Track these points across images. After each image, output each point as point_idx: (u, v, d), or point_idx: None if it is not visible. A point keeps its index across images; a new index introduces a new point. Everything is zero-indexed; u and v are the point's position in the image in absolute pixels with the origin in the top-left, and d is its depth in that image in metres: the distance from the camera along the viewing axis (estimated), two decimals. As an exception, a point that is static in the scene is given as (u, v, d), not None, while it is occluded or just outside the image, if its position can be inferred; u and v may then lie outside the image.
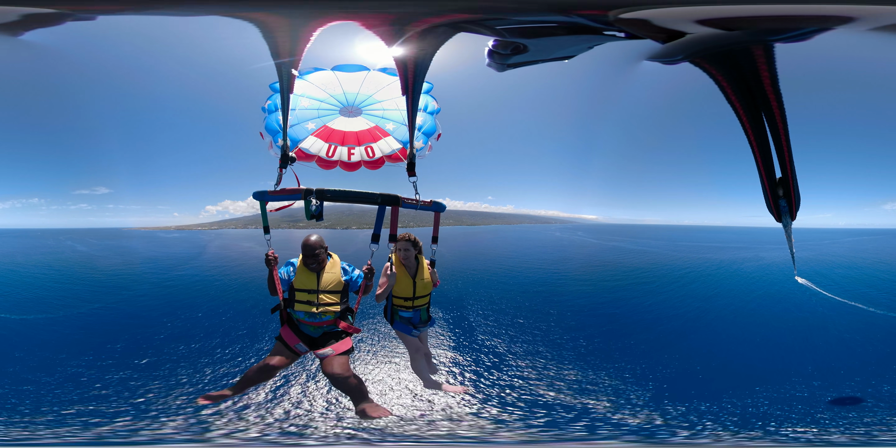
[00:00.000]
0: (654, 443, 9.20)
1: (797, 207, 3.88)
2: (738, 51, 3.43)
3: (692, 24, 3.47)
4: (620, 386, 11.65)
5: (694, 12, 3.42)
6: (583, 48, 3.96)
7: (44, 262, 37.29)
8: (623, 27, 3.60)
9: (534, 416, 9.74)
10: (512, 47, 3.95)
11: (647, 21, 3.51)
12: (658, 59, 3.85)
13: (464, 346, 14.95)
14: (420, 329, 5.01)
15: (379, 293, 4.65)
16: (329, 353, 4.39)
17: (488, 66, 4.20)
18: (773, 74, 3.34)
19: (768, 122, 3.49)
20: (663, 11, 3.45)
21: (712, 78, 3.54)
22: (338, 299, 4.42)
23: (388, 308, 4.95)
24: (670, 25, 3.51)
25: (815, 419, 10.32)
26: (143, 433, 7.16)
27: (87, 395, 11.29)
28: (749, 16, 3.44)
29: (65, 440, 6.34)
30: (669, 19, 3.48)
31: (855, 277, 26.88)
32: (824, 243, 56.32)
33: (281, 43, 3.86)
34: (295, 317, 4.47)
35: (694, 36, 3.53)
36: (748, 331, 17.16)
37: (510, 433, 8.15)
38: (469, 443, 6.51)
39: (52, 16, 3.80)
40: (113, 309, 20.24)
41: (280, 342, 4.48)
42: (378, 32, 3.81)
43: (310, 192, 4.43)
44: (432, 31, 3.72)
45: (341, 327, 4.47)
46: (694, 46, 3.57)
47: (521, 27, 3.77)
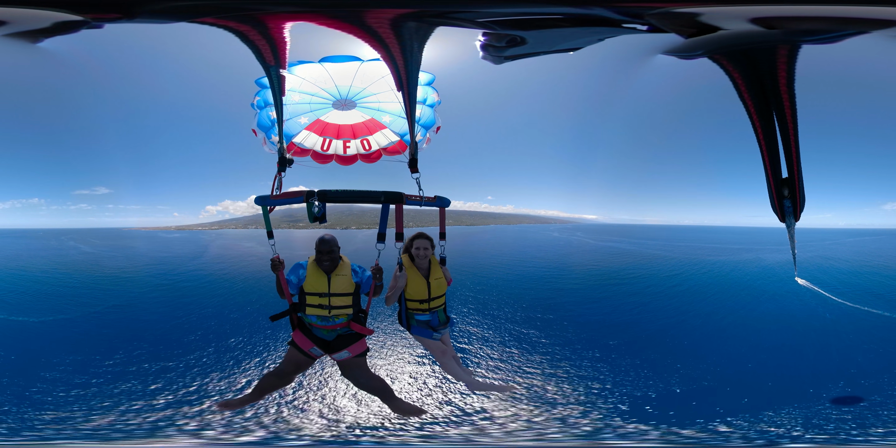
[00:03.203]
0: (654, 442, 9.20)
1: (802, 208, 3.84)
2: (759, 49, 3.37)
3: (742, 22, 3.33)
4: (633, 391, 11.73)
5: (749, 11, 3.28)
6: (591, 40, 3.85)
7: (51, 263, 37.40)
8: (657, 21, 3.46)
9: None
10: (506, 40, 3.87)
11: (691, 16, 3.38)
12: (675, 54, 3.78)
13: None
14: (441, 331, 4.68)
15: (389, 296, 4.46)
16: (346, 355, 4.35)
17: (483, 58, 4.10)
18: (790, 74, 3.27)
19: (779, 121, 3.44)
20: (719, 9, 3.31)
21: (728, 74, 3.45)
22: (349, 302, 4.34)
23: (402, 313, 4.64)
24: (719, 23, 3.38)
25: (813, 421, 10.33)
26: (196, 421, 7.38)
27: (144, 391, 11.40)
28: (795, 16, 3.33)
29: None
30: (722, 16, 3.33)
31: (862, 281, 26.51)
32: (826, 244, 56.26)
33: (261, 48, 3.79)
34: (307, 321, 4.36)
35: (724, 32, 3.44)
36: (749, 331, 17.12)
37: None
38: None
39: (73, 23, 3.77)
40: (127, 307, 20.35)
41: (294, 347, 4.40)
42: (346, 31, 3.73)
43: (311, 193, 4.34)
44: (404, 26, 3.62)
45: (354, 329, 4.38)
46: (719, 42, 3.49)
47: (518, 19, 3.67)
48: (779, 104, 3.33)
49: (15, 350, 13.98)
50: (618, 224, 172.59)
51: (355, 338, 4.39)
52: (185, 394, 11.53)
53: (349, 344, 4.35)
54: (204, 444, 7.84)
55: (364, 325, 4.42)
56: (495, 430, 8.47)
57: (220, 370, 13.18)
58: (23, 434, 8.36)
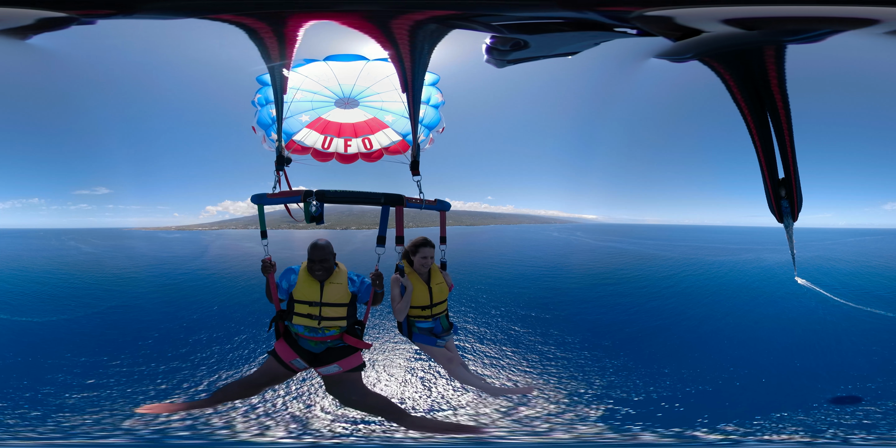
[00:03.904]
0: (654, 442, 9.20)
1: (799, 208, 3.86)
2: (748, 50, 3.38)
3: (716, 24, 3.36)
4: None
5: (721, 12, 3.33)
6: (588, 44, 3.88)
7: (52, 263, 37.44)
8: (641, 24, 3.50)
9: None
10: (511, 43, 3.89)
11: (667, 19, 3.41)
12: (667, 57, 3.79)
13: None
14: (444, 338, 4.49)
15: (400, 308, 4.19)
16: (335, 370, 3.98)
17: (487, 62, 4.12)
18: (781, 75, 3.30)
19: (773, 122, 3.47)
20: (690, 11, 3.35)
21: (720, 77, 3.48)
22: (344, 313, 3.98)
23: (403, 321, 4.45)
24: (694, 24, 3.41)
25: (810, 421, 10.31)
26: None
27: (155, 391, 11.43)
28: (773, 16, 3.35)
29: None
30: (695, 18, 3.37)
31: (866, 282, 26.42)
32: (826, 243, 56.21)
33: (269, 46, 3.80)
34: (293, 330, 4.01)
35: (709, 34, 3.47)
36: (748, 333, 17.11)
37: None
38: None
39: (59, 20, 3.78)
40: (129, 306, 20.40)
41: (274, 357, 4.03)
42: (367, 30, 3.74)
43: (310, 193, 4.27)
44: (423, 28, 3.65)
45: (348, 342, 4.03)
46: (706, 45, 3.51)
47: (521, 23, 3.71)
48: (772, 105, 3.35)
49: (22, 352, 14.01)
50: (618, 224, 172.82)
51: (348, 351, 4.02)
52: (194, 392, 11.68)
53: (340, 357, 3.99)
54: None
55: (360, 337, 4.07)
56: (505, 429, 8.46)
57: (228, 368, 13.29)
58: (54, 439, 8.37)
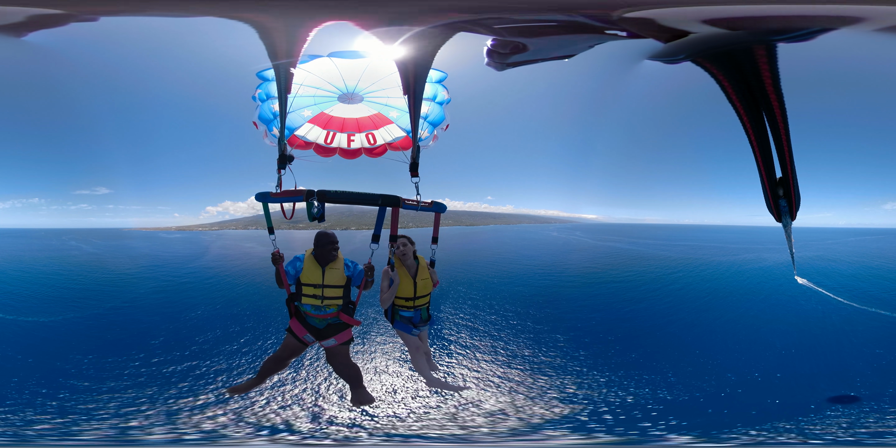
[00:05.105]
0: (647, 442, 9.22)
1: (797, 208, 3.87)
2: (740, 51, 3.42)
3: (697, 24, 3.46)
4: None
5: (699, 12, 3.41)
6: (584, 47, 3.96)
7: (53, 263, 37.38)
8: (626, 27, 3.60)
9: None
10: (511, 46, 3.96)
11: (650, 20, 3.50)
12: (660, 59, 3.84)
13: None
14: (420, 328, 5.13)
15: (385, 298, 4.85)
16: (332, 343, 4.81)
17: (487, 65, 4.22)
18: (774, 74, 3.33)
19: (769, 121, 3.48)
20: (668, 11, 3.43)
21: (714, 77, 3.52)
22: (340, 293, 4.69)
23: (388, 308, 5.05)
24: (675, 25, 3.51)
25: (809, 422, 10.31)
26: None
27: (175, 394, 11.45)
28: (753, 16, 3.42)
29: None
30: (674, 19, 3.47)
31: (867, 282, 26.36)
32: (827, 243, 56.06)
33: (278, 44, 3.85)
34: (302, 309, 4.76)
35: (696, 36, 3.53)
36: (748, 333, 17.11)
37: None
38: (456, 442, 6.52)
39: (56, 17, 3.79)
40: (133, 307, 20.40)
41: (290, 334, 4.83)
42: (376, 33, 3.80)
43: (311, 193, 4.45)
44: (431, 32, 3.72)
45: (343, 319, 4.76)
46: (696, 46, 3.56)
47: (520, 26, 3.76)
48: (767, 105, 3.37)
49: (31, 353, 13.98)
50: (618, 223, 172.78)
51: (343, 327, 4.81)
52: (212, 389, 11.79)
53: (337, 332, 4.78)
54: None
55: (352, 316, 4.79)
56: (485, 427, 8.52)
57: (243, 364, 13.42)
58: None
